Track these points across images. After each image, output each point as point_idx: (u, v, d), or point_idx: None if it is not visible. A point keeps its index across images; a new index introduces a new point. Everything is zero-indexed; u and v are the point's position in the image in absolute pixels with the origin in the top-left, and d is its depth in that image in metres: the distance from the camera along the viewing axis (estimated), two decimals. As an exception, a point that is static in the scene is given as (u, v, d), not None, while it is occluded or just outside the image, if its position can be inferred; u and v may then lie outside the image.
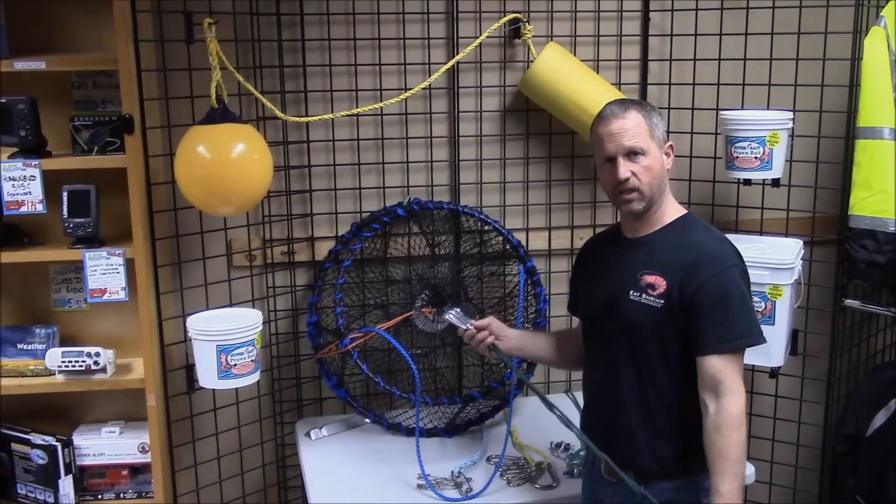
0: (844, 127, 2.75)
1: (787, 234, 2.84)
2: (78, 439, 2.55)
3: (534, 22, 2.74)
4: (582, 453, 2.47)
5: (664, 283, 1.96)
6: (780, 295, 2.59)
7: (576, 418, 2.24)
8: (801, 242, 2.74)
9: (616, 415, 2.05)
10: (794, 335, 2.79)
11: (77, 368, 2.44)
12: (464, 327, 2.32)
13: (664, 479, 2.02)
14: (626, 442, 2.04)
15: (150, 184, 2.40)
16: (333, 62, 2.69)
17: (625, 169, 1.96)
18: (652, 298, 1.96)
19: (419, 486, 2.36)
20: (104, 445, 2.55)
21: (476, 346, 2.29)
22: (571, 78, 2.66)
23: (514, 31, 2.76)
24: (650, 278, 1.98)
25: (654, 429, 2.01)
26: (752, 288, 2.55)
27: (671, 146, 2.03)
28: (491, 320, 2.29)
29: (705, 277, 1.93)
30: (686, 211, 2.08)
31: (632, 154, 1.97)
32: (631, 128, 1.97)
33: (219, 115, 2.35)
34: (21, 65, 2.28)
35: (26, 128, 2.30)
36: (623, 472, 2.02)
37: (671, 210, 2.05)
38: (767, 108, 2.78)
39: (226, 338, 2.32)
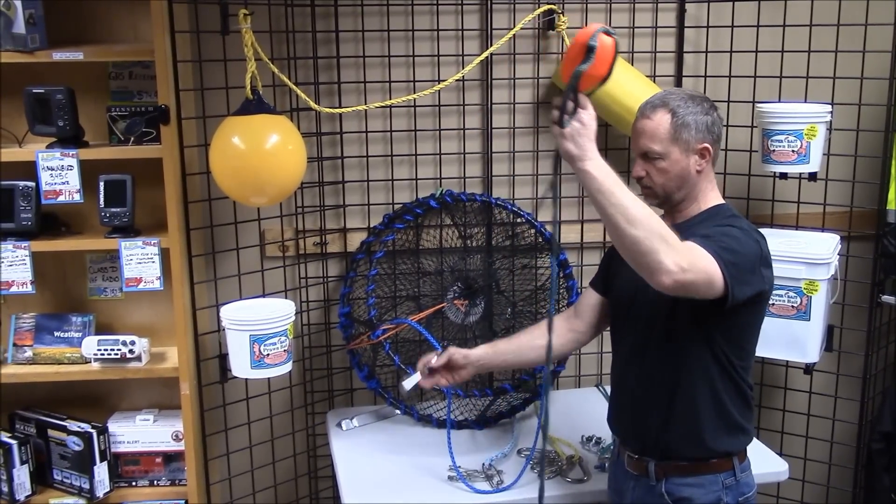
0: (884, 120, 2.70)
1: (823, 229, 2.81)
2: (113, 426, 2.58)
3: (568, 13, 2.72)
4: (612, 448, 2.46)
5: None
6: (815, 290, 2.56)
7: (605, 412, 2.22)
8: (837, 237, 2.71)
9: (641, 404, 2.04)
10: (829, 331, 2.76)
11: (112, 356, 2.47)
12: (415, 378, 2.22)
13: (685, 474, 2.01)
14: (649, 432, 2.03)
15: (185, 174, 2.42)
16: (367, 53, 2.69)
17: (638, 168, 2.01)
18: None
19: (450, 478, 2.35)
20: (138, 433, 2.58)
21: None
22: (606, 70, 2.63)
23: (548, 23, 2.74)
24: None
25: (677, 419, 1.98)
26: (788, 283, 2.54)
27: (706, 148, 1.96)
28: (449, 353, 2.21)
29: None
30: (722, 202, 2.06)
31: (646, 156, 1.98)
32: (651, 130, 1.96)
33: (253, 105, 2.36)
34: (59, 55, 2.30)
35: (64, 118, 2.33)
36: (643, 463, 2.04)
37: (708, 201, 2.03)
38: (805, 101, 2.74)
39: (259, 328, 2.34)
